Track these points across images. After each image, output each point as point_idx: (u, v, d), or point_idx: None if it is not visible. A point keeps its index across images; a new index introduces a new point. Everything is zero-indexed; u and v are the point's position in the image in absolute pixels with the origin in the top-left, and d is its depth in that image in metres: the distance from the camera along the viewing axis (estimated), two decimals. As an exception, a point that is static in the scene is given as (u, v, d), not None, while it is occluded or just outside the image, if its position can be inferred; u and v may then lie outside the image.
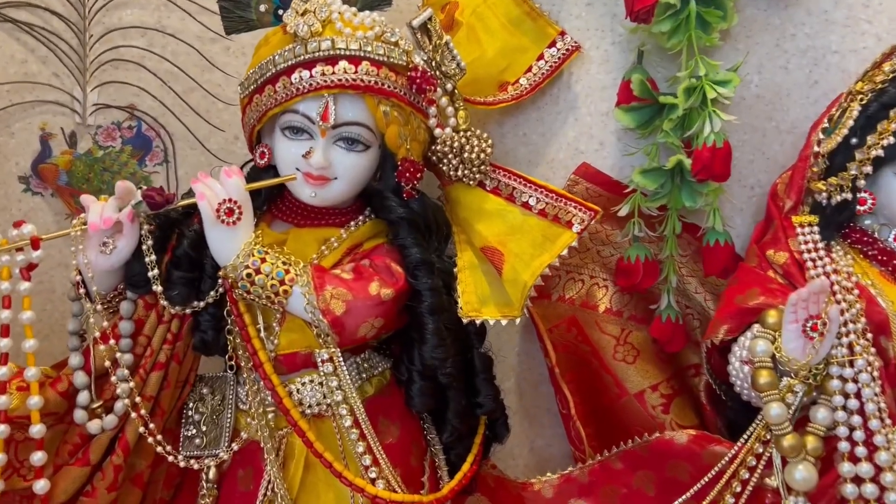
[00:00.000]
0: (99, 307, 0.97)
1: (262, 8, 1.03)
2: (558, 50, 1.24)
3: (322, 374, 0.99)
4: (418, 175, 1.03)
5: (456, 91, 1.08)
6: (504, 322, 1.05)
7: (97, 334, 0.96)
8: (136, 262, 0.97)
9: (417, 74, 0.99)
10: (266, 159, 1.03)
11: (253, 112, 1.02)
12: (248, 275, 0.94)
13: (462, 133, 1.07)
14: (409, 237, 1.02)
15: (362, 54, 0.97)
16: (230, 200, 0.93)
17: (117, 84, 1.33)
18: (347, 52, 0.97)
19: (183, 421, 1.04)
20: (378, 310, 0.97)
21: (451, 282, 1.06)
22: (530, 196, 1.07)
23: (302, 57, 0.97)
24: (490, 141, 1.08)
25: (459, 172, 1.07)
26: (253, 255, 0.94)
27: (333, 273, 0.98)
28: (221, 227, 0.93)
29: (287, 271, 0.95)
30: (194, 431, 1.03)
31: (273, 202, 1.07)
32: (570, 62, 1.25)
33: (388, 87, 0.98)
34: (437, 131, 1.04)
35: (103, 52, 1.32)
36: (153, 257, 0.96)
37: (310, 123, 0.99)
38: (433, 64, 1.05)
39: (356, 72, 0.97)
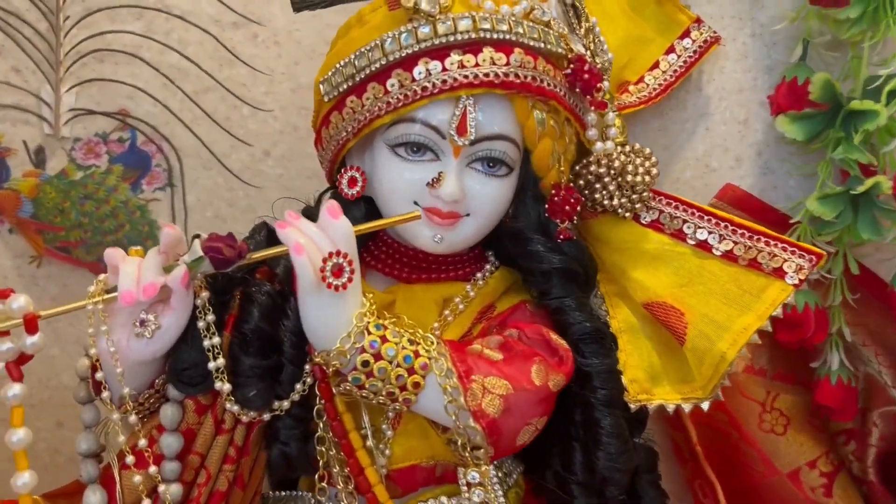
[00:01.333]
0: (133, 417, 0.64)
1: (353, -28, 0.72)
2: (693, 42, 0.97)
3: (467, 500, 0.68)
4: (578, 207, 0.74)
5: (608, 92, 0.80)
6: (687, 408, 0.77)
7: (129, 458, 0.63)
8: (187, 348, 0.64)
9: (584, 67, 0.70)
10: (359, 188, 0.72)
11: (345, 121, 0.71)
12: (365, 362, 0.63)
13: (621, 149, 0.79)
14: (567, 296, 0.73)
15: (514, 38, 0.68)
16: (339, 254, 0.62)
17: (103, 82, 0.99)
18: (496, 36, 0.67)
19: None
20: (544, 406, 0.68)
21: (615, 347, 0.78)
22: (710, 232, 0.80)
23: (430, 42, 0.67)
24: (654, 159, 0.80)
25: (615, 201, 0.79)
26: (369, 334, 0.63)
27: (476, 350, 0.68)
28: (326, 293, 0.62)
29: (416, 353, 0.64)
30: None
31: (365, 247, 0.77)
32: (706, 57, 0.98)
33: (548, 84, 0.70)
34: (599, 145, 0.75)
35: (84, 40, 0.98)
36: (216, 339, 0.64)
37: (437, 138, 0.69)
38: (588, 54, 0.76)
39: (507, 63, 0.67)
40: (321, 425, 0.69)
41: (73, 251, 1.01)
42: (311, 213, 0.77)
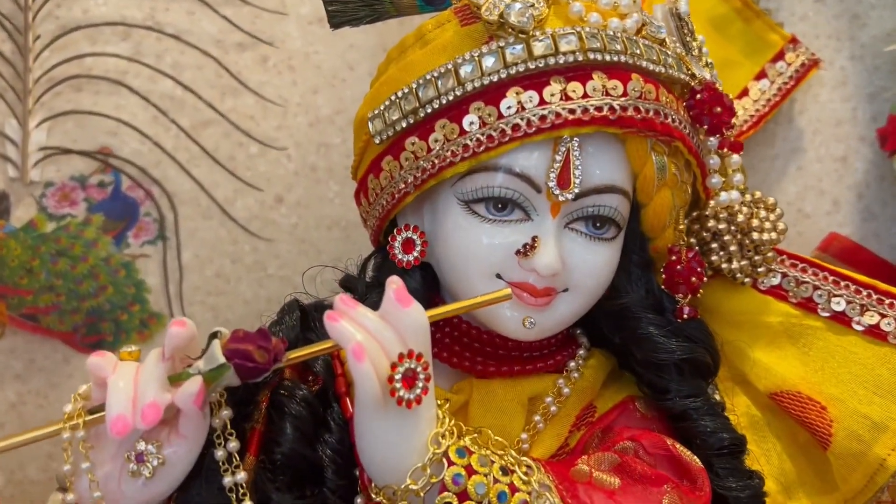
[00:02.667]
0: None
1: (405, -19, 0.56)
2: (788, 65, 0.82)
3: None
4: (704, 279, 0.58)
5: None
6: (832, 528, 0.61)
7: None
8: (199, 486, 0.47)
9: (714, 97, 0.54)
10: (417, 253, 0.56)
11: (404, 169, 0.54)
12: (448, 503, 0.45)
13: (744, 199, 0.63)
14: (694, 395, 0.56)
15: (631, 61, 0.52)
16: (411, 355, 0.45)
17: (80, 116, 0.81)
18: (608, 58, 0.51)
19: None
20: None
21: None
22: (848, 301, 0.64)
23: (523, 65, 0.51)
24: (780, 211, 0.64)
25: (734, 264, 0.63)
26: (450, 464, 0.46)
27: (584, 474, 0.51)
28: (392, 412, 0.44)
29: (513, 487, 0.47)
30: None
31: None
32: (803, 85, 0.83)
33: (674, 121, 0.54)
34: (724, 196, 0.59)
35: (58, 65, 0.81)
36: (240, 476, 0.46)
37: (532, 192, 0.52)
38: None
39: (625, 93, 0.51)
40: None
41: (43, 319, 0.83)
42: (352, 286, 0.60)
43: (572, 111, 0.50)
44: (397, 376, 0.44)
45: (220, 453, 0.46)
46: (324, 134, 0.85)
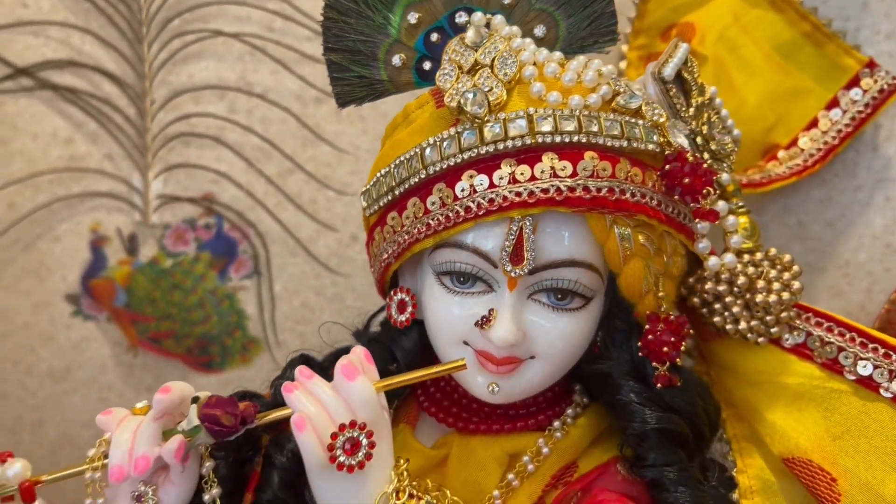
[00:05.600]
0: None
1: (397, 61, 0.60)
2: (865, 92, 0.76)
3: None
4: (682, 346, 0.57)
5: (733, 182, 0.62)
6: None
7: None
8: (191, 523, 0.56)
9: (685, 167, 0.54)
10: (409, 314, 0.60)
11: (387, 241, 0.59)
12: (391, 565, 0.51)
13: (748, 258, 0.61)
14: (668, 465, 0.57)
15: (585, 139, 0.53)
16: (353, 425, 0.50)
17: (188, 168, 0.94)
18: (558, 139, 0.53)
19: None
20: None
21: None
22: (877, 366, 0.59)
23: (474, 150, 0.54)
24: (796, 268, 0.61)
25: (742, 325, 0.61)
26: None
27: None
28: (338, 474, 0.50)
29: (463, 553, 0.51)
30: None
31: (420, 384, 0.64)
32: (883, 111, 0.76)
33: (632, 195, 0.54)
34: (713, 261, 0.58)
35: (170, 124, 0.94)
36: (222, 519, 0.54)
37: (488, 267, 0.55)
38: (697, 141, 0.59)
39: (574, 173, 0.53)
40: None
41: (164, 342, 0.97)
42: (358, 340, 0.66)
43: (518, 194, 0.52)
44: (338, 443, 0.50)
45: (206, 497, 0.55)
46: (393, 177, 0.91)
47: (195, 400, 0.53)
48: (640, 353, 0.58)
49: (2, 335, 0.98)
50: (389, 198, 0.58)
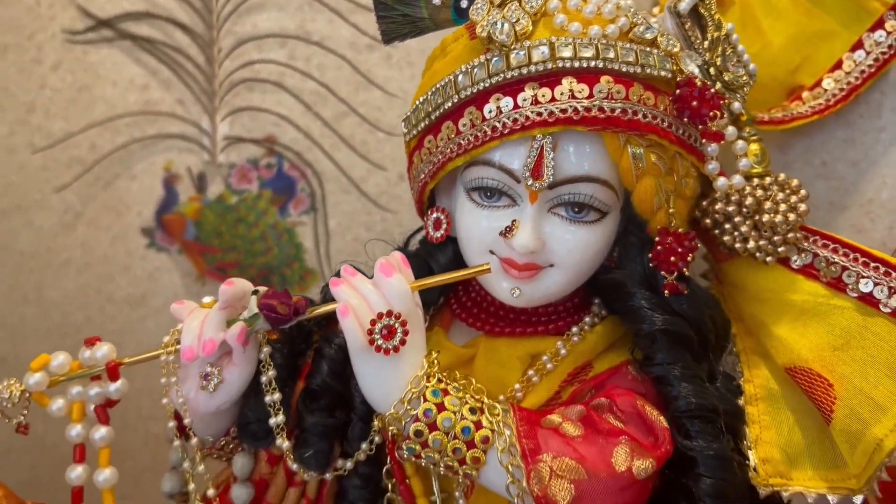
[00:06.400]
0: (201, 467, 0.65)
1: (437, 0, 0.66)
2: (888, 34, 0.79)
3: None
4: (688, 257, 0.63)
5: (745, 113, 0.67)
6: (834, 500, 0.63)
7: (198, 504, 0.64)
8: (254, 401, 0.64)
9: (694, 92, 0.59)
10: (443, 230, 0.67)
11: (424, 162, 0.66)
12: (418, 432, 0.58)
13: (757, 181, 0.65)
14: (673, 363, 0.62)
15: (601, 65, 0.59)
16: (390, 314, 0.57)
17: (252, 111, 1.02)
18: (577, 64, 0.58)
19: None
20: (627, 494, 0.58)
21: (737, 424, 0.65)
22: (877, 283, 0.64)
23: (501, 75, 0.60)
24: (803, 192, 0.66)
25: (751, 244, 0.66)
26: (425, 400, 0.58)
27: (551, 424, 0.60)
28: (376, 356, 0.58)
29: (478, 424, 0.58)
30: None
31: (454, 293, 0.71)
32: (906, 52, 0.79)
33: (644, 116, 0.59)
34: (721, 181, 0.63)
35: (235, 71, 1.02)
36: (276, 396, 0.63)
37: (512, 182, 0.62)
38: (710, 71, 0.64)
39: (591, 95, 0.58)
40: (391, 486, 0.65)
41: (229, 272, 1.06)
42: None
43: (539, 114, 0.58)
44: (376, 329, 0.57)
45: (263, 378, 0.63)
46: (439, 120, 0.97)
47: (255, 293, 0.61)
48: (650, 264, 0.64)
49: (85, 265, 1.09)
50: (426, 122, 0.65)
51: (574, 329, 0.67)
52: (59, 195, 1.07)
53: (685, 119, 0.60)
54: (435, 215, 0.68)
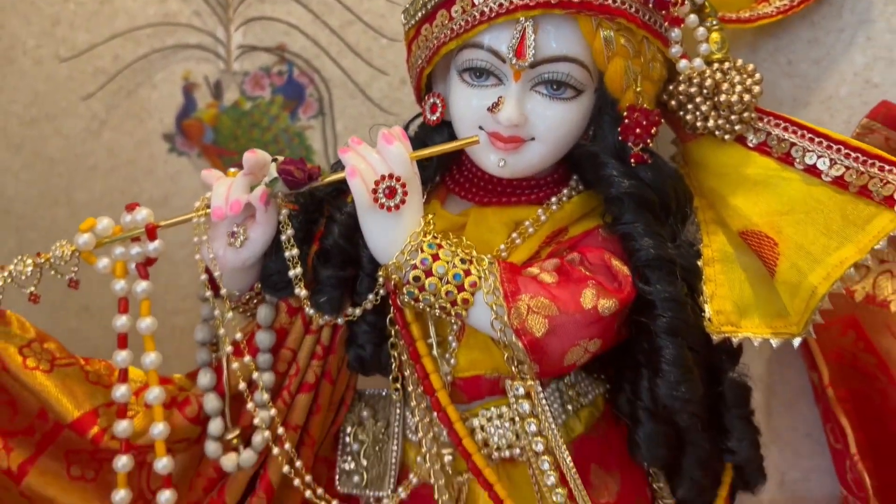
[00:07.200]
0: (229, 315, 0.75)
1: None
2: (850, -64, 0.86)
3: (514, 411, 0.72)
4: (652, 130, 0.71)
5: (707, 4, 0.74)
6: (776, 343, 0.73)
7: (229, 348, 0.74)
8: (275, 257, 0.74)
9: (654, -21, 0.67)
10: (439, 113, 0.76)
11: (420, 49, 0.74)
12: (416, 277, 0.68)
13: (717, 66, 0.74)
14: (637, 221, 0.71)
15: (575, -47, 0.67)
16: (391, 177, 0.67)
17: (264, 21, 1.10)
18: (555, -45, 0.66)
19: (339, 450, 0.82)
20: (594, 329, 0.68)
21: (695, 281, 0.75)
22: (820, 156, 0.72)
23: (487, -36, 0.68)
24: (758, 76, 0.74)
25: (710, 123, 0.75)
26: (422, 251, 0.68)
27: (530, 274, 0.70)
28: (380, 212, 0.67)
29: (467, 272, 0.68)
30: (353, 466, 0.80)
31: (448, 171, 0.80)
32: (866, -46, 0.86)
33: (614, 1, 0.67)
34: (683, 63, 0.71)
35: (247, -18, 1.09)
36: (294, 251, 0.72)
37: (498, 62, 0.70)
38: (675, -36, 0.72)
39: (567, -18, 0.66)
40: (394, 332, 0.75)
41: (245, 173, 1.15)
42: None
43: (522, -2, 0.67)
44: (380, 189, 0.67)
45: (283, 236, 0.73)
46: (438, 27, 1.05)
47: (275, 161, 0.71)
48: (620, 138, 0.72)
49: (111, 169, 1.18)
50: (423, 12, 0.73)
51: (553, 199, 0.76)
52: (85, 103, 1.15)
53: (651, 5, 0.68)
54: (431, 100, 0.76)
